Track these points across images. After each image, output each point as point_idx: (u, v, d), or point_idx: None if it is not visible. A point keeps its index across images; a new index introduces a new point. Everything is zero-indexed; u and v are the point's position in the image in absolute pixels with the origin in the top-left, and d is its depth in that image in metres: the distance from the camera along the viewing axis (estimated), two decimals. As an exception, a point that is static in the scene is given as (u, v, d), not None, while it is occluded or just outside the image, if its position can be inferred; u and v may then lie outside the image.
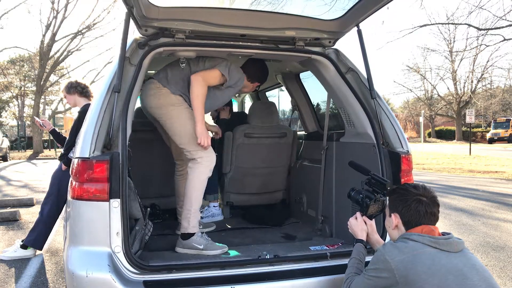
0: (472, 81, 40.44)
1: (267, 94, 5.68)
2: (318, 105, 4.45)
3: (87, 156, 2.30)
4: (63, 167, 4.26)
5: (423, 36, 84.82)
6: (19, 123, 33.26)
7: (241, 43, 2.94)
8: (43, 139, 27.49)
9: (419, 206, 1.97)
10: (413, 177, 2.82)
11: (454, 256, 1.85)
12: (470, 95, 38.69)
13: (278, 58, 3.43)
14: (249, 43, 2.96)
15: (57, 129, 4.69)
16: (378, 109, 2.90)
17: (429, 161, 17.86)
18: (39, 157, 22.55)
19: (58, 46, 25.96)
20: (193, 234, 2.95)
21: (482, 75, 39.95)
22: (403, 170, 2.73)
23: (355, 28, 2.91)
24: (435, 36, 60.46)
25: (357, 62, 3.09)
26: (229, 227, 3.94)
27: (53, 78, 30.90)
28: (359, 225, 2.34)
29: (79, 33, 25.52)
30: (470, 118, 21.58)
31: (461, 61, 39.56)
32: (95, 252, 2.25)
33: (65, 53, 26.26)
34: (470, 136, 26.92)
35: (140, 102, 3.27)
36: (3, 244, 5.14)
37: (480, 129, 42.92)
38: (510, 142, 33.04)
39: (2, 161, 19.57)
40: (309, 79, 4.21)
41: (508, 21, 14.84)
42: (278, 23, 2.86)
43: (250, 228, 3.86)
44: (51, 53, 25.68)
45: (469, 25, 16.50)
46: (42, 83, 25.47)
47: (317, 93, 4.27)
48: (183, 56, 3.06)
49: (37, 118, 4.81)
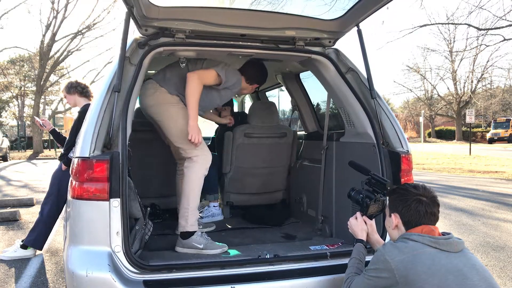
0: (472, 81, 40.48)
1: (267, 94, 5.68)
2: (318, 105, 4.45)
3: (87, 155, 2.30)
4: (63, 167, 4.26)
5: (423, 36, 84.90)
6: (19, 123, 33.25)
7: (241, 43, 2.94)
8: (43, 139, 27.49)
9: (419, 206, 1.97)
10: (413, 177, 2.82)
11: (454, 256, 1.85)
12: (470, 95, 38.69)
13: (278, 58, 3.43)
14: (249, 43, 2.96)
15: (57, 129, 4.69)
16: (378, 109, 2.90)
17: (429, 161, 17.86)
18: (39, 157, 22.54)
19: (58, 46, 26.04)
20: (192, 233, 2.96)
21: (482, 75, 39.97)
22: (403, 170, 2.73)
23: (355, 28, 2.91)
24: (435, 36, 60.58)
25: (357, 62, 3.09)
26: (229, 227, 3.93)
27: (53, 78, 30.91)
28: (359, 225, 2.34)
29: (79, 33, 25.54)
30: (470, 118, 21.58)
31: (461, 61, 39.64)
32: (95, 251, 2.25)
33: (65, 53, 26.29)
34: (470, 136, 26.92)
35: (139, 102, 3.28)
36: (3, 244, 5.14)
37: (480, 129, 42.92)
38: (510, 142, 33.04)
39: (2, 161, 19.56)
40: (309, 79, 4.21)
41: (508, 21, 14.85)
42: (278, 23, 2.86)
43: (250, 228, 3.86)
44: (51, 53, 25.69)
45: (469, 25, 16.53)
46: (42, 83, 25.48)
47: (317, 93, 4.27)
48: (183, 56, 3.09)
49: (37, 118, 4.81)
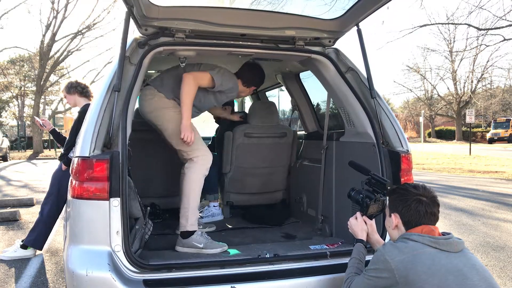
0: (472, 81, 40.48)
1: (267, 94, 5.68)
2: (318, 105, 4.45)
3: (87, 155, 2.30)
4: (63, 167, 4.26)
5: (423, 36, 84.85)
6: (19, 123, 33.25)
7: (241, 42, 2.94)
8: (43, 139, 27.48)
9: (419, 206, 1.97)
10: (413, 177, 2.82)
11: (454, 256, 1.85)
12: (470, 95, 38.68)
13: (278, 57, 3.43)
14: (249, 43, 2.97)
15: (57, 129, 4.69)
16: (378, 108, 2.90)
17: (429, 161, 17.86)
18: (39, 157, 22.54)
19: (58, 46, 26.03)
20: (193, 232, 2.97)
21: (482, 75, 39.96)
22: (403, 169, 2.73)
23: (355, 27, 2.91)
24: (435, 36, 60.56)
25: (357, 61, 3.09)
26: (229, 227, 3.93)
27: (53, 78, 30.90)
28: (359, 225, 2.34)
29: (79, 33, 25.54)
30: (470, 118, 21.58)
31: (461, 61, 39.63)
32: (95, 251, 2.25)
33: (65, 53, 26.28)
34: (470, 136, 26.92)
35: (138, 108, 3.29)
36: (3, 244, 5.14)
37: (480, 129, 42.91)
38: (510, 142, 33.03)
39: (2, 161, 19.56)
40: (309, 79, 4.20)
41: (508, 21, 14.84)
42: (278, 23, 2.86)
43: (250, 227, 3.86)
44: (51, 53, 25.69)
45: (469, 25, 16.51)
46: (42, 83, 25.47)
47: (317, 93, 4.27)
48: (183, 55, 3.09)
49: (37, 118, 4.81)
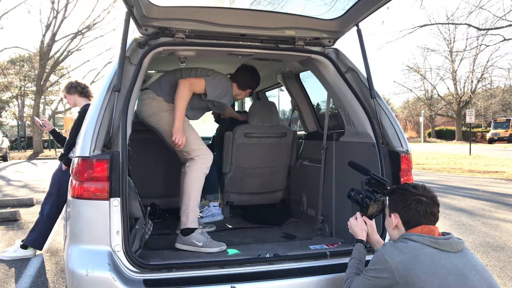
0: (472, 81, 40.48)
1: (267, 94, 5.68)
2: (318, 105, 4.45)
3: (87, 155, 2.30)
4: (63, 167, 4.26)
5: (423, 36, 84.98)
6: (19, 123, 33.26)
7: (241, 42, 2.95)
8: (43, 139, 27.47)
9: (419, 206, 1.97)
10: (412, 177, 2.82)
11: (454, 256, 1.85)
12: (470, 95, 38.68)
13: (278, 57, 3.43)
14: (249, 43, 2.97)
15: (57, 129, 4.69)
16: (377, 108, 2.90)
17: (429, 161, 17.86)
18: (39, 157, 22.54)
19: (58, 46, 26.01)
20: (193, 230, 3.00)
21: (482, 75, 39.97)
22: (403, 169, 2.73)
23: (355, 27, 2.91)
24: (435, 36, 60.67)
25: (357, 61, 3.10)
26: (229, 226, 3.94)
27: (53, 78, 30.88)
28: (359, 225, 2.34)
29: (79, 33, 25.52)
30: (470, 118, 21.58)
31: (461, 61, 39.64)
32: (95, 251, 2.25)
33: (65, 53, 26.27)
34: (470, 136, 26.92)
35: (136, 112, 3.29)
36: (3, 244, 5.14)
37: (480, 129, 42.89)
38: (510, 142, 33.03)
39: (2, 161, 19.56)
40: (309, 79, 4.21)
41: (508, 21, 14.85)
42: (278, 23, 2.86)
43: (250, 227, 3.86)
44: (51, 53, 25.67)
45: (469, 25, 16.52)
46: (42, 83, 25.46)
47: (317, 93, 4.27)
48: (183, 55, 3.09)
49: (37, 118, 4.81)
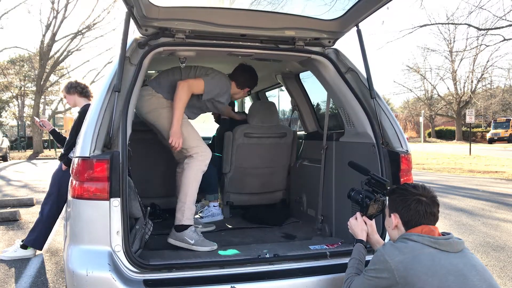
0: (472, 81, 40.48)
1: (267, 94, 5.68)
2: (318, 105, 4.45)
3: (88, 155, 2.31)
4: (63, 167, 4.26)
5: (423, 36, 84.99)
6: (19, 123, 33.26)
7: (241, 43, 2.95)
8: (43, 139, 27.47)
9: (419, 206, 1.97)
10: (412, 177, 2.82)
11: (454, 256, 1.85)
12: (470, 95, 38.68)
13: (278, 58, 3.44)
14: (249, 43, 2.97)
15: (57, 129, 4.69)
16: (377, 108, 2.90)
17: (429, 161, 17.86)
18: (39, 157, 22.53)
19: (58, 46, 26.00)
20: (187, 227, 3.02)
21: (482, 75, 39.97)
22: (403, 169, 2.74)
23: (355, 28, 2.91)
24: (435, 36, 60.67)
25: (357, 62, 3.10)
26: (229, 227, 3.94)
27: (53, 78, 30.87)
28: (359, 225, 2.34)
29: (79, 33, 25.51)
30: (470, 118, 21.58)
31: (461, 61, 39.65)
32: (95, 251, 2.25)
33: (65, 53, 26.26)
34: (470, 136, 26.92)
35: (136, 110, 3.29)
36: (3, 244, 5.14)
37: (480, 129, 42.89)
38: (510, 142, 33.02)
39: (2, 161, 19.55)
40: (309, 79, 4.21)
41: (508, 21, 14.85)
42: (278, 23, 2.86)
43: (250, 227, 3.87)
44: (51, 53, 25.66)
45: (469, 25, 16.54)
46: (42, 83, 25.46)
47: (317, 93, 4.27)
48: (183, 56, 3.09)
49: (37, 118, 4.81)
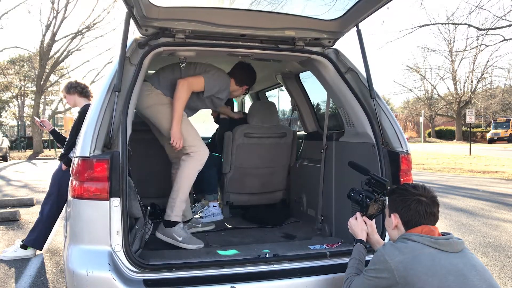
0: (472, 81, 40.49)
1: (267, 94, 5.68)
2: (318, 105, 4.45)
3: (88, 155, 2.31)
4: (63, 167, 4.26)
5: (423, 36, 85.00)
6: (19, 123, 33.26)
7: (241, 43, 2.95)
8: (43, 139, 27.47)
9: (419, 206, 1.97)
10: (412, 177, 2.83)
11: (454, 256, 1.85)
12: (470, 95, 38.68)
13: (277, 58, 3.44)
14: (249, 43, 2.97)
15: (57, 129, 4.69)
16: (377, 109, 2.90)
17: (429, 161, 17.86)
18: (39, 157, 22.53)
19: (58, 46, 26.00)
20: (175, 224, 3.04)
21: (482, 75, 39.97)
22: (402, 169, 2.74)
23: (355, 28, 2.91)
24: (435, 36, 60.66)
25: (357, 62, 3.10)
26: (229, 226, 3.94)
27: (53, 78, 30.86)
28: (359, 225, 2.34)
29: (79, 33, 25.51)
30: (470, 118, 21.58)
31: (461, 61, 39.65)
32: (95, 251, 2.26)
33: (65, 53, 26.26)
34: (470, 136, 26.92)
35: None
36: (3, 244, 5.14)
37: (480, 129, 42.89)
38: (510, 142, 33.03)
39: (2, 161, 19.55)
40: (309, 79, 4.21)
41: (508, 21, 14.86)
42: (278, 23, 2.86)
43: (250, 227, 3.87)
44: (51, 53, 25.66)
45: (469, 25, 16.53)
46: (42, 83, 25.46)
47: (317, 93, 4.27)
48: (183, 56, 3.10)
49: (37, 118, 4.81)
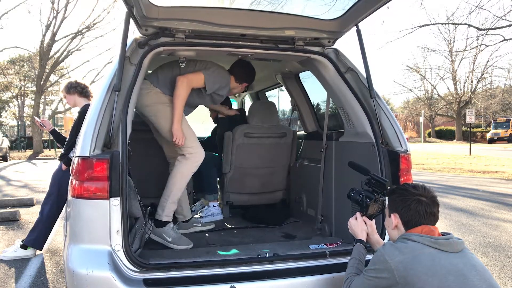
0: (472, 81, 40.50)
1: (267, 94, 5.69)
2: (317, 105, 4.46)
3: (88, 154, 2.31)
4: (63, 167, 4.26)
5: (423, 36, 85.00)
6: (19, 123, 33.26)
7: (241, 42, 2.95)
8: (43, 139, 27.47)
9: (419, 206, 1.97)
10: (412, 177, 2.83)
11: (454, 256, 1.85)
12: (470, 95, 38.68)
13: (277, 57, 3.44)
14: (248, 43, 2.97)
15: (57, 129, 4.69)
16: (377, 108, 2.90)
17: (429, 161, 17.86)
18: (39, 157, 22.53)
19: (58, 46, 26.00)
20: (165, 224, 3.07)
21: (482, 75, 39.98)
22: (402, 169, 2.74)
23: (355, 28, 2.91)
24: (435, 36, 60.69)
25: (357, 62, 3.10)
26: (229, 226, 3.94)
27: (53, 78, 30.87)
28: (359, 225, 2.34)
29: (79, 33, 25.51)
30: (470, 118, 21.58)
31: (461, 61, 39.66)
32: (95, 250, 2.26)
33: (65, 53, 26.27)
34: (470, 136, 26.92)
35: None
36: (3, 244, 5.14)
37: (480, 129, 42.89)
38: (510, 142, 33.03)
39: (2, 161, 19.55)
40: (309, 79, 4.21)
41: (508, 21, 14.86)
42: (278, 23, 2.86)
43: (250, 227, 3.87)
44: (51, 53, 25.67)
45: (469, 25, 16.53)
46: (42, 83, 25.46)
47: (317, 93, 4.28)
48: (183, 55, 3.10)
49: (37, 118, 4.81)
